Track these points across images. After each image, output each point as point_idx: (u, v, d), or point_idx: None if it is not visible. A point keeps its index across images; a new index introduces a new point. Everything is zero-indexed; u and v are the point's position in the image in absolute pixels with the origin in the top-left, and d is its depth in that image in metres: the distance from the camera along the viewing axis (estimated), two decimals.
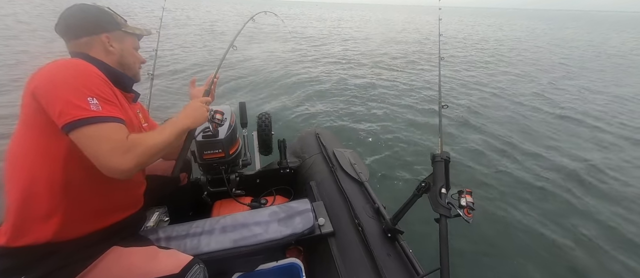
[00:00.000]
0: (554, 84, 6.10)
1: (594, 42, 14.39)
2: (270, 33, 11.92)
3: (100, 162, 0.64)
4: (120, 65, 0.85)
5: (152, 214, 1.28)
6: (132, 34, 0.89)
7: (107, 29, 0.82)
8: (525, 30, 20.34)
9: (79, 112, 0.63)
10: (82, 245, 0.74)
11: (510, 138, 3.46)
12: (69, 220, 0.71)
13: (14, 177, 0.69)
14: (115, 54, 0.83)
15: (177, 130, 0.82)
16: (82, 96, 0.64)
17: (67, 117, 0.62)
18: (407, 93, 5.15)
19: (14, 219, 0.69)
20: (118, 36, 0.84)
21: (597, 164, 2.94)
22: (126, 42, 0.87)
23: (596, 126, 3.93)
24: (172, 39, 9.06)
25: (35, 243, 0.69)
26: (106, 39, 0.81)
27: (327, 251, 1.05)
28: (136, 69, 0.91)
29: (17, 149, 0.69)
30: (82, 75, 0.68)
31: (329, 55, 8.38)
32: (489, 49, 10.87)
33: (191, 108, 0.90)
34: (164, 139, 0.77)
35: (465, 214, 0.81)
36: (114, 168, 0.65)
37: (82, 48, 0.79)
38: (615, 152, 3.28)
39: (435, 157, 0.90)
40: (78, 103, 0.63)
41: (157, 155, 0.75)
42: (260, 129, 1.68)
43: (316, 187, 1.42)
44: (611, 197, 2.49)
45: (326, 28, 16.44)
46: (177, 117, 0.87)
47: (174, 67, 6.05)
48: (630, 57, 10.10)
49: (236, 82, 5.28)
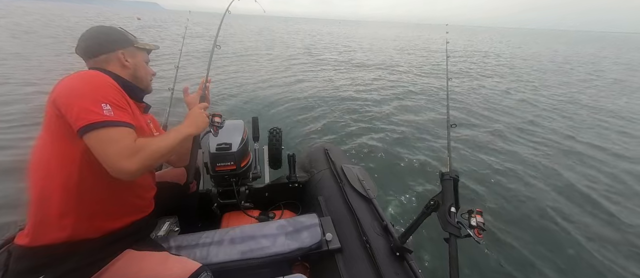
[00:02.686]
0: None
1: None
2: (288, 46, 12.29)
3: (108, 163, 0.69)
4: (134, 78, 0.92)
5: (163, 224, 1.31)
6: (142, 49, 0.97)
7: (122, 45, 0.90)
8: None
9: (92, 117, 0.68)
10: (97, 247, 0.78)
11: (525, 161, 3.38)
12: (83, 221, 0.76)
13: (35, 179, 0.74)
14: (130, 68, 0.91)
15: (180, 136, 0.87)
16: (97, 102, 0.70)
17: (82, 121, 0.68)
18: (416, 111, 5.16)
19: (33, 220, 0.73)
20: (131, 52, 0.92)
21: (610, 190, 2.82)
22: (138, 56, 0.94)
23: (615, 154, 3.77)
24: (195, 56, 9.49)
25: (53, 243, 0.73)
26: (122, 55, 0.89)
27: (334, 267, 1.04)
28: (147, 80, 0.98)
29: (38, 153, 0.75)
30: (98, 84, 0.74)
31: (339, 72, 8.56)
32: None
33: (192, 116, 0.95)
34: (168, 144, 0.82)
35: (475, 235, 0.80)
36: (120, 169, 0.70)
37: (100, 64, 0.87)
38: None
39: (444, 175, 0.90)
40: (93, 108, 0.69)
41: (161, 159, 0.80)
42: (271, 144, 1.72)
43: (324, 202, 1.42)
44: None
45: (336, 42, 16.82)
46: (181, 124, 0.93)
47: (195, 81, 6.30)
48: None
49: (250, 97, 5.44)
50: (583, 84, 8.48)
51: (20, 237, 0.75)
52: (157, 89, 1.06)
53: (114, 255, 0.81)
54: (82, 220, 0.76)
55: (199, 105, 1.00)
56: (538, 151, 3.65)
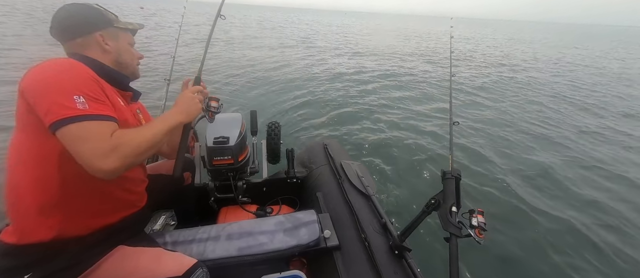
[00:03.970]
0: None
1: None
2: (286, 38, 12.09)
3: (83, 162, 0.62)
4: (117, 63, 0.83)
5: (158, 217, 1.30)
6: (125, 30, 0.86)
7: (100, 26, 0.79)
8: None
9: (64, 111, 0.61)
10: (87, 244, 0.75)
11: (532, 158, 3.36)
12: (69, 218, 0.72)
13: (14, 176, 0.70)
14: (111, 52, 0.81)
15: (167, 125, 0.77)
16: (69, 95, 0.63)
17: (53, 116, 0.61)
18: (418, 108, 5.13)
19: (17, 218, 0.70)
20: (112, 33, 0.82)
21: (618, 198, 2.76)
22: (121, 38, 0.84)
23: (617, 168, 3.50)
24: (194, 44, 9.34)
25: (40, 242, 0.69)
26: (100, 37, 0.79)
27: (332, 265, 1.03)
28: (134, 65, 0.89)
29: (14, 150, 0.70)
30: (69, 74, 0.66)
31: (340, 65, 8.48)
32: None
33: (182, 100, 0.84)
34: (152, 136, 0.72)
35: (476, 235, 0.79)
36: (97, 168, 0.62)
37: (78, 49, 0.78)
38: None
39: (445, 173, 0.89)
40: (64, 102, 0.62)
41: (145, 153, 0.71)
42: (270, 138, 1.70)
43: (322, 198, 1.41)
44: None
45: (338, 36, 16.60)
46: (168, 111, 0.83)
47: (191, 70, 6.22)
48: None
49: (248, 90, 5.38)
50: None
51: (6, 233, 0.72)
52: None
53: (105, 252, 0.77)
54: (68, 218, 0.72)
55: (190, 88, 0.89)
56: (551, 153, 3.48)
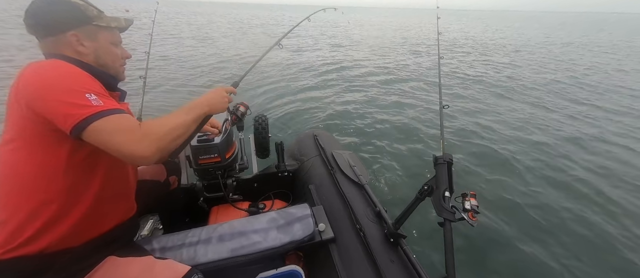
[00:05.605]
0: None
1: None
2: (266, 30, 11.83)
3: (123, 152, 0.62)
4: (98, 65, 0.77)
5: (146, 222, 1.24)
6: (108, 28, 0.77)
7: (74, 25, 0.71)
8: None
9: (84, 111, 0.60)
10: (76, 256, 0.71)
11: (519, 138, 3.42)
12: (59, 231, 0.68)
13: (7, 188, 0.66)
14: (88, 54, 0.74)
15: (194, 114, 0.77)
16: (80, 95, 0.61)
17: (75, 118, 0.59)
18: (407, 93, 5.14)
19: (3, 231, 0.66)
20: (90, 32, 0.74)
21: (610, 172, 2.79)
22: (101, 37, 0.76)
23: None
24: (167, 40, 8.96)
25: (27, 255, 0.65)
26: (74, 37, 0.71)
27: (328, 257, 1.02)
28: (117, 67, 0.82)
29: (11, 161, 0.66)
30: (70, 76, 0.64)
31: (325, 56, 8.35)
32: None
33: (212, 94, 0.85)
34: (182, 122, 0.73)
35: (469, 218, 0.79)
36: (138, 155, 0.63)
37: (51, 48, 0.72)
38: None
39: (437, 159, 0.88)
40: (80, 102, 0.61)
41: (177, 140, 0.71)
42: (257, 132, 1.65)
43: (315, 190, 1.39)
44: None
45: (322, 27, 16.30)
46: (195, 101, 0.81)
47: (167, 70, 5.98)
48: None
49: (229, 83, 5.22)
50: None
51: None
52: (128, 76, 0.92)
53: (95, 264, 0.74)
54: (59, 230, 0.68)
55: (224, 87, 0.90)
56: (539, 134, 3.57)
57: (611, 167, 2.88)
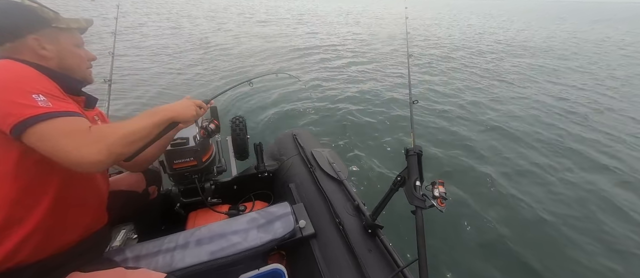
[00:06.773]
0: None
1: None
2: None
3: (66, 157, 0.56)
4: (61, 68, 0.74)
5: (117, 233, 1.18)
6: (68, 30, 0.75)
7: (32, 28, 0.68)
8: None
9: (26, 111, 0.56)
10: (35, 272, 0.66)
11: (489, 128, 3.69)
12: (9, 243, 0.62)
13: None
14: (52, 58, 0.71)
15: (157, 118, 0.73)
16: (26, 94, 0.57)
17: (14, 118, 0.55)
18: (380, 90, 5.29)
19: None
20: (50, 35, 0.71)
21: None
22: (62, 40, 0.73)
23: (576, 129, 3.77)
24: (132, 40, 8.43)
25: None
26: (35, 41, 0.69)
27: (309, 253, 1.04)
28: (83, 70, 0.78)
29: None
30: (19, 75, 0.60)
31: (300, 49, 8.32)
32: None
33: (178, 102, 0.82)
34: (142, 126, 0.68)
35: (438, 204, 0.85)
36: (87, 160, 0.57)
37: (12, 54, 0.68)
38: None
39: (408, 151, 0.93)
40: (23, 102, 0.56)
41: (134, 144, 0.67)
42: (235, 133, 1.62)
43: (296, 189, 1.40)
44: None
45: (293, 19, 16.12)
46: (160, 106, 0.77)
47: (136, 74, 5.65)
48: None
49: (203, 84, 5.06)
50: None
51: None
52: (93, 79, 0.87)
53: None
54: (18, 242, 0.62)
55: (192, 99, 0.87)
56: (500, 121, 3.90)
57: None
